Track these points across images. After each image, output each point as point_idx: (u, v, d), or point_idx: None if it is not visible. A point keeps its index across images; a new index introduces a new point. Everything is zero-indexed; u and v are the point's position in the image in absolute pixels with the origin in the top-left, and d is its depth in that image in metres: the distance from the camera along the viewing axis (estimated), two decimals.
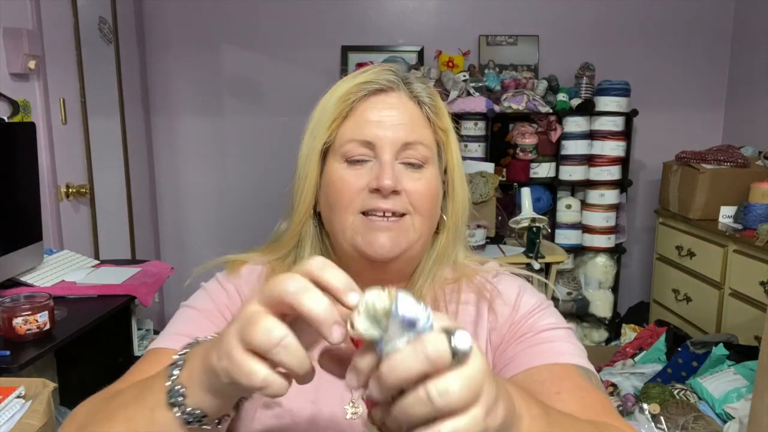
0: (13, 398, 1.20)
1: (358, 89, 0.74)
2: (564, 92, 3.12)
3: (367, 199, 0.72)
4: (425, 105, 0.76)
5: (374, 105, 0.74)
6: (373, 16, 3.38)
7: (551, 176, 3.16)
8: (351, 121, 0.74)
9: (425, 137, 0.75)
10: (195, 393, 0.47)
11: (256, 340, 0.41)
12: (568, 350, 0.72)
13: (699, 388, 2.22)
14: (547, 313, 0.77)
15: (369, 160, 0.73)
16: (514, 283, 0.81)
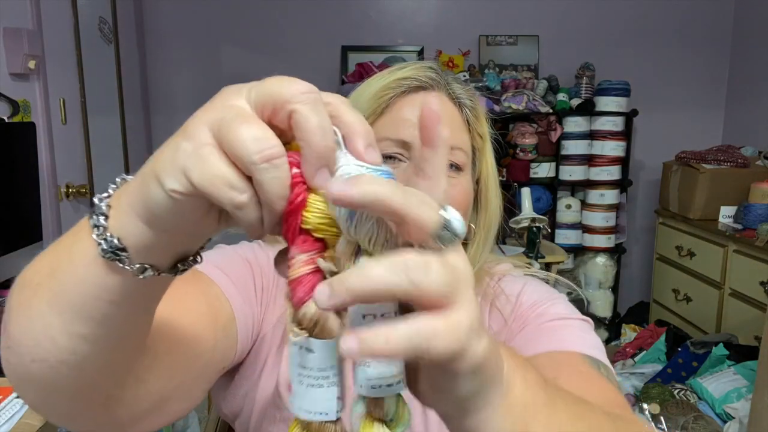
0: (13, 398, 1.20)
1: (397, 85, 0.69)
2: (564, 92, 3.12)
3: None
4: (466, 107, 0.72)
5: (413, 103, 0.69)
6: (373, 16, 3.38)
7: (551, 176, 3.16)
8: (386, 119, 0.69)
9: (464, 142, 0.71)
10: (121, 215, 0.36)
11: (241, 145, 0.31)
12: (575, 338, 0.65)
13: (699, 388, 2.22)
14: (555, 303, 0.71)
15: (403, 161, 0.68)
16: (519, 280, 0.76)
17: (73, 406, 0.45)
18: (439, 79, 0.71)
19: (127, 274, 0.37)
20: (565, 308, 0.71)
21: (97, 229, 0.37)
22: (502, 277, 0.77)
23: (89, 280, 0.38)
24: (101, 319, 0.39)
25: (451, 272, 0.32)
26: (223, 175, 0.31)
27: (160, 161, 0.33)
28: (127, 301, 0.39)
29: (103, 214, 0.37)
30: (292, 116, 0.32)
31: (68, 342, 0.40)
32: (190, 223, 0.35)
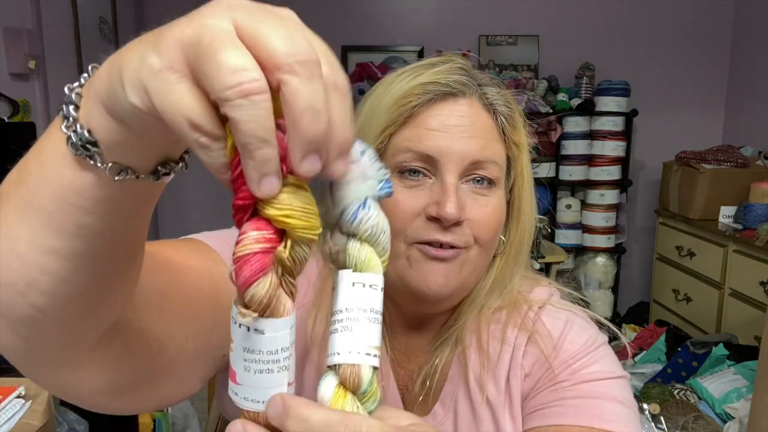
0: (13, 398, 1.20)
1: (421, 91, 0.60)
2: (564, 92, 3.12)
3: (424, 228, 0.59)
4: (501, 115, 0.63)
5: (440, 111, 0.60)
6: (373, 16, 3.38)
7: (551, 176, 3.16)
8: (409, 128, 0.60)
9: (498, 154, 0.62)
10: (90, 106, 0.32)
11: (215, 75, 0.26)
12: (612, 413, 0.60)
13: (699, 388, 2.22)
14: (595, 356, 0.64)
15: (428, 176, 0.60)
16: (561, 316, 0.67)
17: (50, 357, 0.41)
18: (470, 82, 0.62)
19: (100, 174, 0.33)
20: (605, 362, 0.64)
21: (67, 120, 0.32)
22: (542, 307, 0.68)
23: (58, 180, 0.34)
24: (74, 231, 0.35)
25: None
26: (187, 112, 0.27)
27: (127, 62, 0.29)
28: (103, 209, 0.35)
29: (72, 103, 0.33)
30: (280, 87, 0.28)
31: (37, 256, 0.35)
32: (160, 131, 0.30)
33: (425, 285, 0.60)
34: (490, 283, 0.67)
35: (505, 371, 0.66)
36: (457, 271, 0.61)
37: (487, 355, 0.66)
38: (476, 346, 0.67)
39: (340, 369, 0.34)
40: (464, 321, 0.66)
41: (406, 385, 0.69)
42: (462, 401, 0.66)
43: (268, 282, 0.30)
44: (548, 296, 0.70)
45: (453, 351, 0.67)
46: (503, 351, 0.66)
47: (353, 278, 0.35)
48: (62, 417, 1.60)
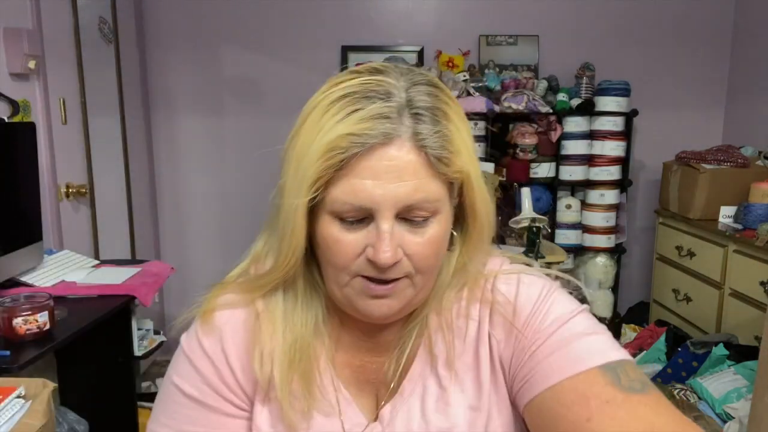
0: (13, 398, 1.20)
1: (348, 144, 0.58)
2: (564, 92, 3.12)
3: (364, 266, 0.62)
4: (432, 156, 0.60)
5: (368, 162, 0.59)
6: (373, 16, 3.38)
7: (551, 176, 3.16)
8: (341, 181, 0.60)
9: (433, 192, 0.61)
10: None
11: None
12: (585, 349, 0.63)
13: (699, 388, 2.22)
14: (548, 304, 0.68)
15: (367, 219, 0.62)
16: (512, 279, 0.72)
17: None
18: (398, 125, 0.59)
19: None
20: (562, 305, 0.68)
21: None
22: (495, 278, 0.72)
23: None
24: None
25: None
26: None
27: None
28: None
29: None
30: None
31: None
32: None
33: (370, 315, 0.65)
34: (449, 278, 0.71)
35: (473, 344, 0.70)
36: (398, 299, 0.65)
37: (453, 332, 0.71)
38: (442, 326, 0.71)
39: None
40: (425, 315, 0.71)
41: (378, 376, 0.73)
42: (429, 377, 0.70)
43: None
44: (500, 265, 0.74)
45: (420, 337, 0.72)
46: (469, 326, 0.71)
47: None
48: (62, 417, 1.60)
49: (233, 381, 0.71)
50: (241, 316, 0.71)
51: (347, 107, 0.60)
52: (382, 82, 0.61)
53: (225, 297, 0.73)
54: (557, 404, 0.61)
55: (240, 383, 0.71)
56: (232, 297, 0.72)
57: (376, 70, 0.63)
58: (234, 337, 0.70)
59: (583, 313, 0.68)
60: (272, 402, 0.69)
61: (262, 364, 0.68)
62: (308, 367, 0.69)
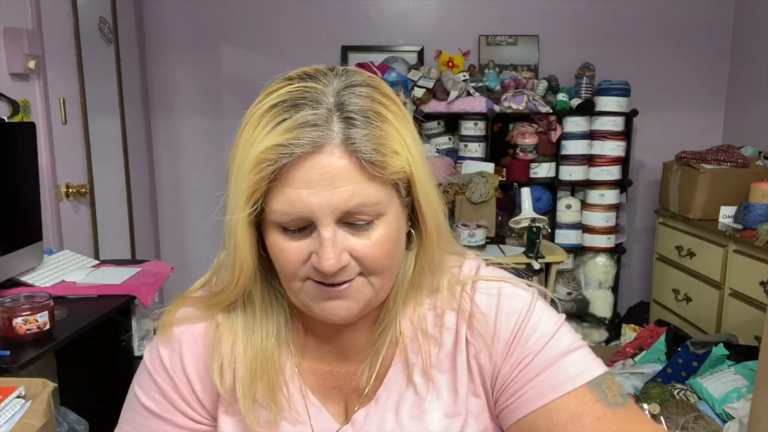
0: (13, 398, 1.20)
1: (276, 156, 0.57)
2: (564, 92, 3.12)
3: (312, 272, 0.62)
4: (365, 161, 0.58)
5: (299, 172, 0.58)
6: (373, 16, 3.38)
7: (551, 176, 3.16)
8: (277, 191, 0.59)
9: (371, 195, 0.59)
10: None
11: None
12: (572, 367, 0.65)
13: (699, 388, 2.22)
14: (536, 321, 0.68)
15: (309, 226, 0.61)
16: (492, 290, 0.70)
17: None
18: (327, 131, 0.57)
19: None
20: (544, 319, 0.68)
21: None
22: (473, 286, 0.70)
23: None
24: None
25: None
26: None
27: None
28: None
29: None
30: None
31: None
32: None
33: (328, 318, 0.64)
34: (409, 276, 0.69)
35: (450, 352, 0.69)
36: (355, 299, 0.63)
37: (429, 340, 0.69)
38: (417, 333, 0.70)
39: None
40: (395, 316, 0.69)
41: (348, 384, 0.72)
42: (405, 384, 0.70)
43: None
44: (476, 268, 0.72)
45: (394, 343, 0.70)
46: (445, 335, 0.70)
47: None
48: (62, 417, 1.61)
49: (190, 393, 0.71)
50: (199, 329, 0.72)
51: (275, 118, 0.59)
52: (310, 89, 0.59)
53: (184, 311, 0.73)
54: (551, 423, 0.63)
55: (198, 395, 0.71)
56: (191, 311, 0.73)
57: (308, 75, 0.62)
58: (192, 349, 0.71)
59: (565, 325, 0.69)
60: (237, 414, 0.69)
61: (222, 375, 0.68)
62: (273, 378, 0.68)
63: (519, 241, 2.85)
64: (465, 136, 3.12)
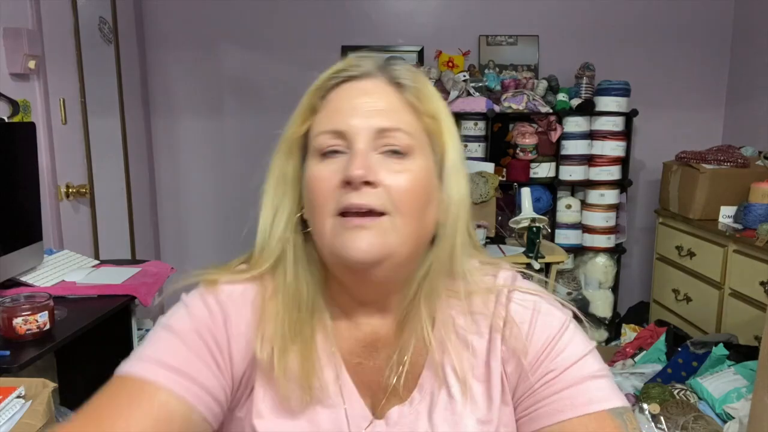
0: (13, 398, 1.20)
1: (330, 78, 0.68)
2: (564, 92, 3.12)
3: (341, 195, 0.62)
4: (406, 89, 0.67)
5: (347, 93, 0.67)
6: (373, 16, 3.38)
7: (551, 176, 3.16)
8: (322, 113, 0.67)
9: (406, 123, 0.65)
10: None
11: None
12: (597, 391, 0.65)
13: (699, 388, 2.22)
14: (565, 340, 0.68)
15: (343, 152, 0.65)
16: (528, 303, 0.70)
17: None
18: (374, 65, 0.68)
19: None
20: (575, 342, 0.68)
21: None
22: (509, 294, 0.70)
23: None
24: None
25: None
26: None
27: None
28: None
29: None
30: None
31: None
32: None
33: (347, 253, 0.62)
34: (429, 264, 0.68)
35: (484, 358, 0.69)
36: (379, 237, 0.62)
37: (464, 344, 0.69)
38: (452, 336, 0.69)
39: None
40: (418, 300, 0.68)
41: (376, 380, 0.70)
42: (439, 387, 0.68)
43: None
44: (513, 279, 0.72)
45: (424, 339, 0.69)
46: (480, 341, 0.69)
47: None
48: (62, 417, 1.61)
49: (225, 341, 0.67)
50: (248, 292, 0.70)
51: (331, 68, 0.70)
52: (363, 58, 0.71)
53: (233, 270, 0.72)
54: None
55: (231, 356, 0.67)
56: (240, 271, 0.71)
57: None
58: (238, 306, 0.68)
59: (594, 353, 0.68)
60: (273, 387, 0.67)
61: (262, 344, 0.66)
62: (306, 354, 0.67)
63: (519, 241, 2.85)
64: (465, 136, 3.12)
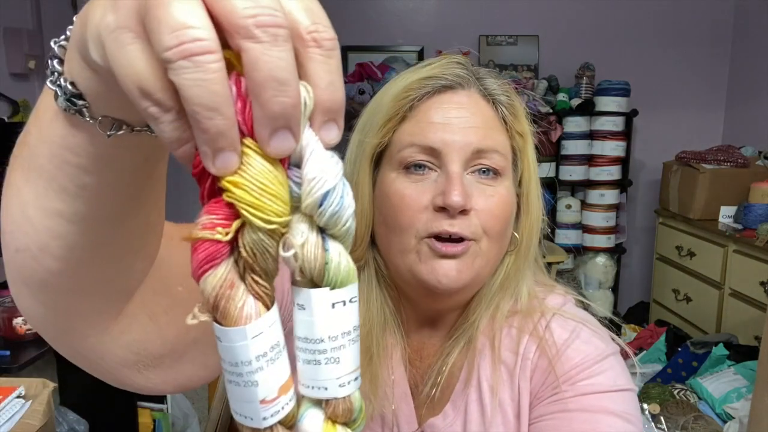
0: (13, 398, 1.20)
1: (420, 85, 0.61)
2: (564, 92, 3.12)
3: (432, 219, 0.59)
4: (501, 105, 0.63)
5: (440, 104, 0.60)
6: (373, 16, 3.38)
7: (551, 176, 3.16)
8: (410, 123, 0.60)
9: (501, 143, 0.61)
10: (71, 57, 0.30)
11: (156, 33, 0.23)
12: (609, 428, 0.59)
13: (699, 388, 2.22)
14: (599, 369, 0.62)
15: (433, 169, 0.60)
16: (569, 325, 0.66)
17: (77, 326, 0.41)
18: (468, 75, 0.63)
19: (92, 129, 0.31)
20: (611, 377, 0.62)
21: (52, 75, 0.31)
22: (553, 316, 0.67)
23: (53, 138, 0.32)
24: (76, 191, 0.33)
25: None
26: (136, 77, 0.24)
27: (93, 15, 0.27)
28: (101, 167, 0.33)
29: (57, 57, 0.31)
30: (241, 54, 0.24)
31: (45, 220, 0.34)
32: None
33: (436, 280, 0.59)
34: (500, 280, 0.66)
35: (515, 377, 0.66)
36: (468, 264, 0.60)
37: (500, 360, 0.66)
38: (489, 351, 0.66)
39: (330, 405, 0.29)
40: (476, 319, 0.65)
41: (416, 384, 0.69)
42: (473, 403, 0.66)
43: (217, 277, 0.26)
44: (561, 304, 0.69)
45: (465, 353, 0.67)
46: (516, 359, 0.66)
47: (333, 298, 0.28)
48: (62, 417, 1.61)
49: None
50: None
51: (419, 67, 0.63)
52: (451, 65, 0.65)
53: None
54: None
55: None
56: None
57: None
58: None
59: (630, 393, 0.62)
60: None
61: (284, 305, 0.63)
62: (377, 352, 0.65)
63: None
64: None
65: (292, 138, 0.26)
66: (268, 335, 0.27)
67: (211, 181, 0.26)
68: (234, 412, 0.28)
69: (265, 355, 0.27)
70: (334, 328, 0.28)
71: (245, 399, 0.27)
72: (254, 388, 0.27)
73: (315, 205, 0.27)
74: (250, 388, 0.27)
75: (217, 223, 0.25)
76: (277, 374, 0.27)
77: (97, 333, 0.42)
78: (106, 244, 0.37)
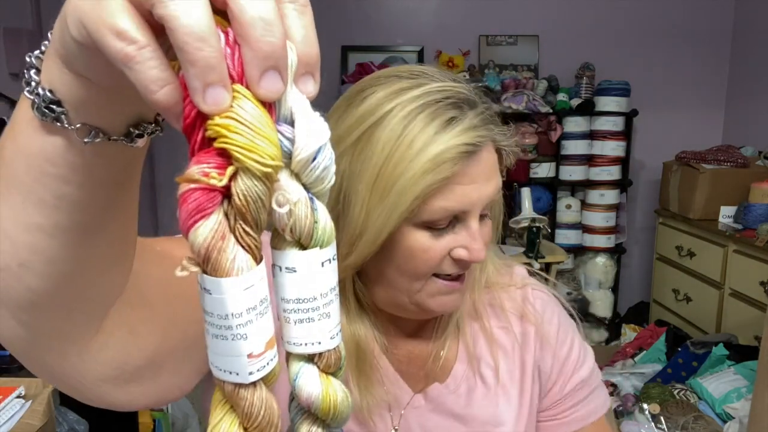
0: (13, 398, 1.20)
1: (456, 155, 0.56)
2: (564, 92, 3.13)
3: (449, 266, 0.62)
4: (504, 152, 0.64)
5: (468, 169, 0.58)
6: (373, 16, 3.38)
7: (551, 176, 3.17)
8: (443, 191, 0.57)
9: (499, 185, 0.63)
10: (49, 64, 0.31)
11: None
12: (597, 401, 0.75)
13: (699, 388, 2.22)
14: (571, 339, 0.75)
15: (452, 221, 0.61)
16: (550, 307, 0.75)
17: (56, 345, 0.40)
18: (489, 131, 0.59)
19: (69, 137, 0.31)
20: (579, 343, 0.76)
21: (29, 86, 0.31)
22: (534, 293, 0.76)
23: (30, 149, 0.32)
24: (54, 203, 0.33)
25: None
26: (110, 20, 0.25)
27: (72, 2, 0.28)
28: (79, 177, 0.33)
29: (33, 67, 0.31)
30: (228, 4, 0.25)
31: (23, 235, 0.34)
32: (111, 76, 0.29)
33: (441, 310, 0.65)
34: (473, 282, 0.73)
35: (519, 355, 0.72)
36: (464, 289, 0.66)
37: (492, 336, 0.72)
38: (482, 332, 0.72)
39: (322, 358, 0.31)
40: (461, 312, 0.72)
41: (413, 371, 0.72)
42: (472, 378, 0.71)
43: (208, 228, 0.25)
44: (526, 276, 0.78)
45: (456, 337, 0.72)
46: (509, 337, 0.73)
47: (322, 257, 0.29)
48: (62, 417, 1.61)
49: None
50: None
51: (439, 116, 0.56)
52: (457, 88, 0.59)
53: None
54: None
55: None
56: None
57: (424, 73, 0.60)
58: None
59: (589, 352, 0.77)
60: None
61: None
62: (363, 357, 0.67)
63: (519, 241, 2.85)
64: None
65: (280, 80, 0.26)
66: (258, 288, 0.27)
67: (201, 134, 0.26)
68: (215, 368, 0.28)
69: (255, 308, 0.27)
70: (325, 285, 0.30)
71: (232, 353, 0.27)
72: (242, 342, 0.27)
73: (308, 159, 0.27)
74: (238, 341, 0.27)
75: (208, 171, 0.25)
76: (264, 329, 0.28)
77: (77, 351, 0.42)
78: (87, 257, 0.37)
